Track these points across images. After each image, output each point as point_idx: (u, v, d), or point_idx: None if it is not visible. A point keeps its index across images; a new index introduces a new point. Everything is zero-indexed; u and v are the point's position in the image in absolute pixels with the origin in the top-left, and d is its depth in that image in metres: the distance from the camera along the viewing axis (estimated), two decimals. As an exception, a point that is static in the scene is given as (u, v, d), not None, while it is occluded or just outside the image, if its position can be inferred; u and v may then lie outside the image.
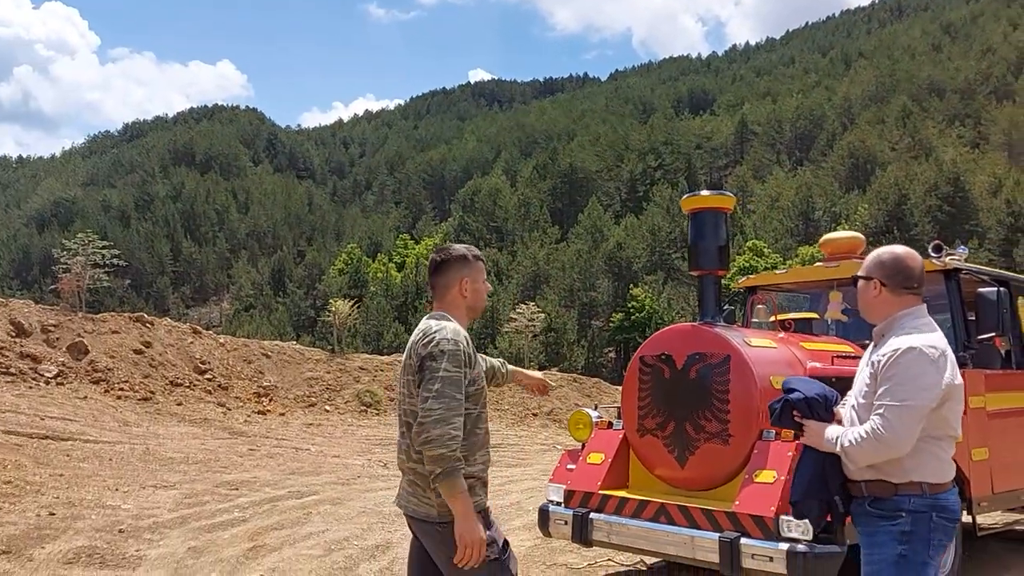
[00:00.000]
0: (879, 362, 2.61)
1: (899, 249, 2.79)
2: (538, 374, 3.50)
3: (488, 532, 2.66)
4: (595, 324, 63.74)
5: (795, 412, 2.76)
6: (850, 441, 2.59)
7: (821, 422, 2.72)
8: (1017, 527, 6.29)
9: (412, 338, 2.75)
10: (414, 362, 2.67)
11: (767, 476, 4.09)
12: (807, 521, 3.83)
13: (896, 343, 2.60)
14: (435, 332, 2.67)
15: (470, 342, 2.75)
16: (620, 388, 5.29)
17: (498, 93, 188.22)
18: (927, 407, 2.51)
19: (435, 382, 2.56)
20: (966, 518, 5.09)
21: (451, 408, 2.55)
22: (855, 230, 7.61)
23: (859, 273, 2.83)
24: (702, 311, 4.83)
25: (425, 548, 2.79)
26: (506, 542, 2.80)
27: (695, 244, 4.85)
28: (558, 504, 4.84)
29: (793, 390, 2.80)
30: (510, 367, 3.37)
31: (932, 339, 2.60)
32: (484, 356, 3.21)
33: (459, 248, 2.89)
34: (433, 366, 2.59)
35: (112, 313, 17.55)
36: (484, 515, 2.74)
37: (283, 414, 15.73)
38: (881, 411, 2.53)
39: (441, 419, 2.52)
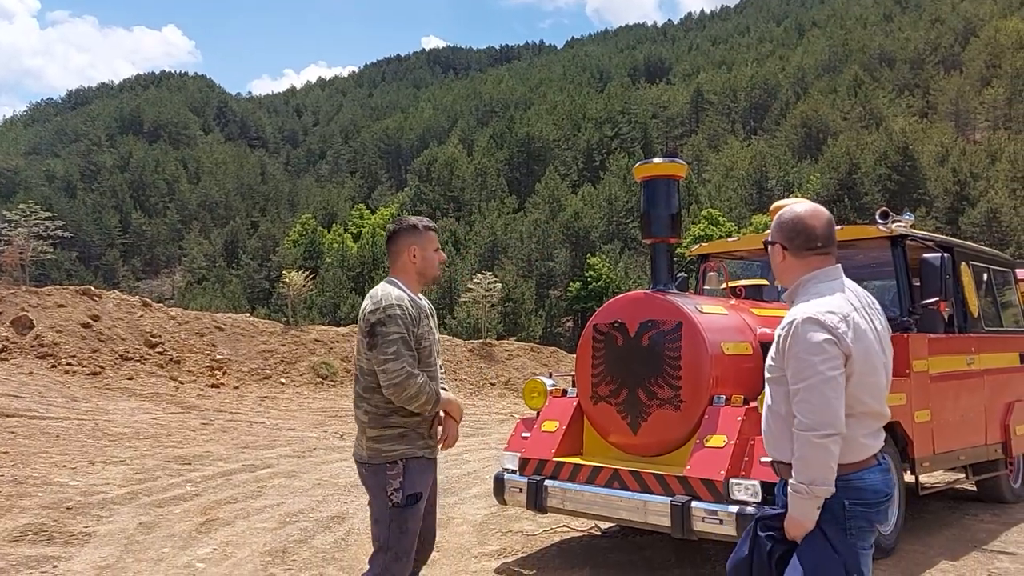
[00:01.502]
0: (779, 336, 2.34)
1: (800, 207, 2.50)
2: (453, 429, 3.14)
3: (400, 480, 2.94)
4: (553, 293, 63.96)
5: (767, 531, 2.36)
6: (797, 470, 2.24)
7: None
8: (957, 486, 6.51)
9: (363, 303, 3.10)
10: (364, 326, 3.03)
11: (717, 441, 4.16)
12: (756, 483, 3.92)
13: (792, 314, 2.32)
14: (380, 299, 3.02)
15: (416, 303, 3.09)
16: (575, 356, 5.32)
17: (453, 60, 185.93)
18: (836, 376, 2.21)
19: (389, 345, 2.92)
20: (909, 478, 5.25)
21: (410, 363, 2.94)
22: (807, 199, 7.69)
23: (767, 237, 2.56)
24: (654, 279, 4.86)
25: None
26: (417, 495, 2.97)
27: (647, 212, 4.87)
28: (513, 472, 4.87)
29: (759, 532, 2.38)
30: (444, 394, 3.09)
31: (832, 304, 2.29)
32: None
33: (411, 219, 3.24)
34: (383, 331, 2.94)
35: (58, 286, 17.08)
36: (415, 462, 2.99)
37: (237, 387, 15.53)
38: (797, 398, 2.25)
39: (408, 374, 2.91)
